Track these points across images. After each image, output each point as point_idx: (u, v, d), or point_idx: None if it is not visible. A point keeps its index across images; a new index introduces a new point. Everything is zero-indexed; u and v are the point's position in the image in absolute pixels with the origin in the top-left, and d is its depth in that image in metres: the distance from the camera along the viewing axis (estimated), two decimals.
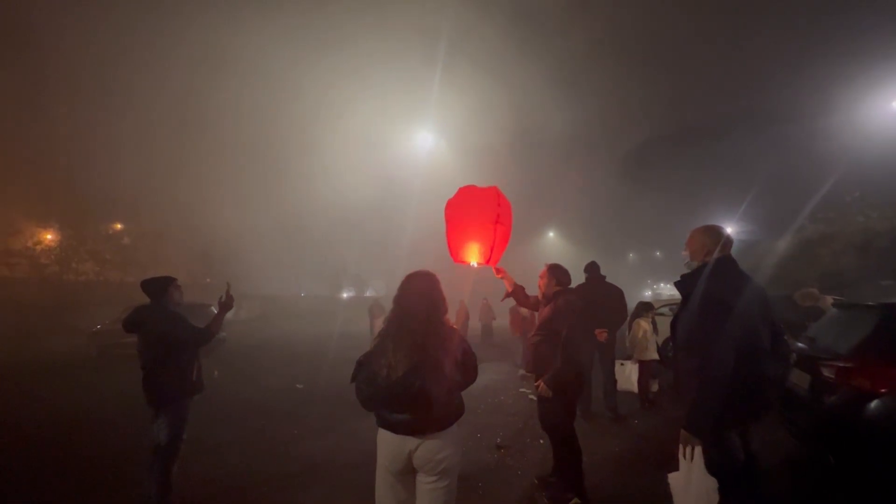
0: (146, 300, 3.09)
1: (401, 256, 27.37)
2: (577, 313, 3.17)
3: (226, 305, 3.27)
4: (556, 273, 3.42)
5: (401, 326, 1.96)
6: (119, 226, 23.20)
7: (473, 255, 3.17)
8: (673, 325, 2.23)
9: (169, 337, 2.96)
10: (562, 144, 34.88)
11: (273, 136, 26.05)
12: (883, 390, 2.82)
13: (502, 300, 4.03)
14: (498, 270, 3.46)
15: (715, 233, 2.14)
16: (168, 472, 2.94)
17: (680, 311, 2.20)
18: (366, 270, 34.30)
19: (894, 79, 16.35)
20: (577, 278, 5.82)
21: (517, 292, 3.64)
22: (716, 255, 2.09)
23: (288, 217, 26.20)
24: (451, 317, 2.25)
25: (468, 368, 2.00)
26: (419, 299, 1.99)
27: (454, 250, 3.24)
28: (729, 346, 1.87)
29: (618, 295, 5.42)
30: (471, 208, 3.19)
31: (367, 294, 32.50)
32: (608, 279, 5.66)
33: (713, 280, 2.01)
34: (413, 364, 1.87)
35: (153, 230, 22.66)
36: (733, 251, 2.19)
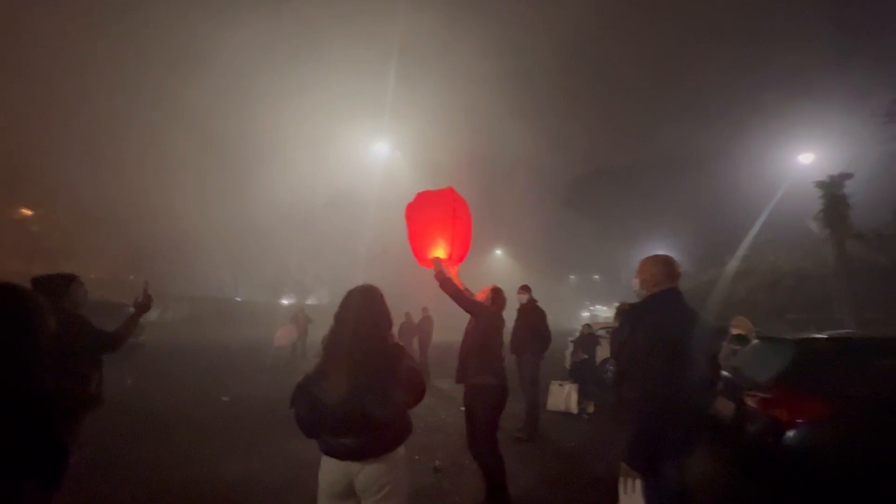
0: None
1: (352, 265, 26.76)
2: (490, 324, 3.39)
3: (142, 306, 2.92)
4: (497, 295, 3.58)
5: (342, 346, 1.85)
6: (27, 211, 20.81)
7: (437, 251, 3.23)
8: (617, 353, 2.24)
9: (63, 343, 2.55)
10: (513, 169, 36.14)
11: (224, 134, 24.77)
12: (799, 421, 3.00)
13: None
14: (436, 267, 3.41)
15: (665, 263, 2.17)
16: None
17: (625, 342, 2.19)
18: (311, 276, 33.15)
19: (800, 136, 18.48)
20: (514, 294, 5.96)
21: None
22: (665, 286, 2.11)
23: (229, 215, 24.78)
24: (396, 331, 2.15)
25: (414, 387, 1.92)
26: (361, 316, 1.89)
27: (418, 251, 3.30)
28: (670, 380, 1.88)
29: (542, 319, 5.57)
30: (429, 209, 3.27)
31: (308, 302, 31.33)
32: (551, 298, 5.82)
33: (660, 313, 2.03)
34: (355, 386, 1.77)
35: (72, 219, 20.51)
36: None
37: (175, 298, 24.03)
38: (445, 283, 3.21)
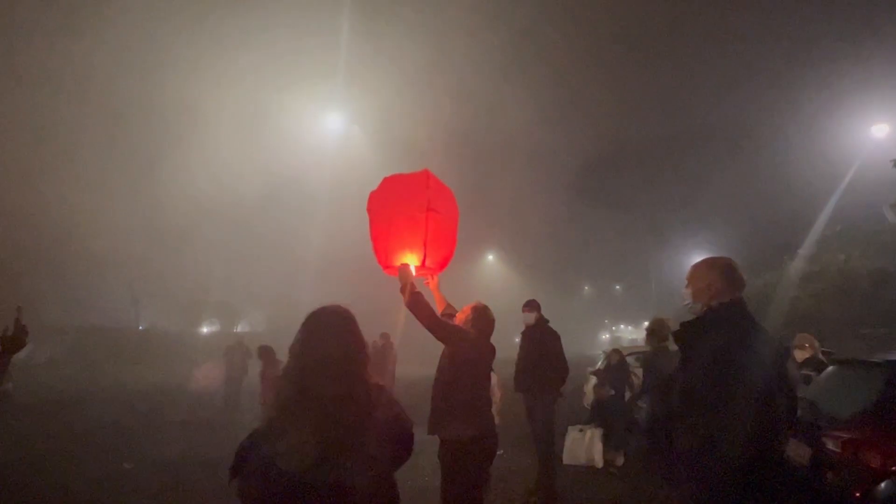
0: None
1: (296, 278, 26.29)
2: (471, 355, 3.36)
3: (13, 342, 2.79)
4: (478, 315, 3.52)
5: (304, 391, 1.77)
6: None
7: (407, 257, 3.17)
8: (658, 386, 2.24)
9: None
10: (508, 149, 36.15)
11: (121, 106, 23.91)
12: (895, 468, 3.06)
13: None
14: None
15: (725, 268, 2.19)
16: None
17: (679, 371, 2.20)
18: (238, 296, 32.59)
19: (871, 104, 19.14)
20: (516, 312, 5.96)
21: (447, 317, 3.67)
22: (726, 298, 2.13)
23: (129, 216, 24.15)
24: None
25: (401, 443, 1.89)
26: (330, 351, 1.83)
27: (381, 255, 3.26)
28: (742, 423, 1.88)
29: (556, 344, 5.60)
30: (396, 199, 3.23)
31: (238, 329, 30.82)
32: (560, 317, 5.87)
33: (724, 332, 2.04)
34: (326, 445, 1.69)
35: None
36: None
37: (52, 330, 23.27)
38: (414, 302, 3.06)
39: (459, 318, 3.54)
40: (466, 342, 3.37)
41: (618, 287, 52.85)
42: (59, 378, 18.29)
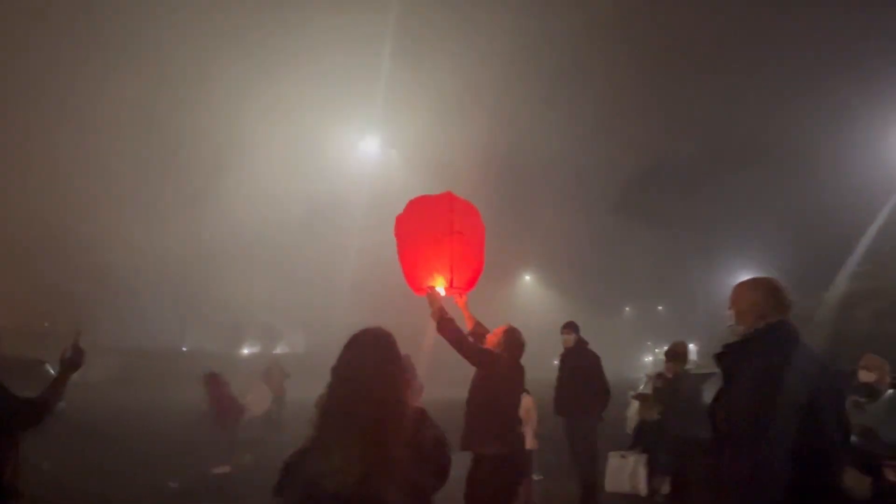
0: None
1: (333, 301, 26.67)
2: (502, 377, 3.40)
3: (72, 363, 2.97)
4: (509, 338, 3.55)
5: (347, 412, 1.81)
6: None
7: (435, 280, 3.28)
8: (712, 412, 2.20)
9: None
10: (545, 169, 35.98)
11: (169, 137, 25.12)
12: None
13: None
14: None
15: (770, 289, 2.16)
16: None
17: (722, 394, 2.17)
18: (279, 318, 33.24)
19: None
20: (554, 333, 5.91)
21: (476, 335, 3.69)
22: (771, 319, 2.09)
23: (175, 241, 25.07)
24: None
25: (440, 464, 1.91)
26: (372, 372, 1.87)
27: (411, 278, 3.37)
28: (791, 447, 1.84)
29: (596, 367, 5.54)
30: (422, 222, 3.35)
31: (278, 351, 31.35)
32: (600, 338, 5.83)
33: (769, 355, 2.00)
34: (369, 466, 1.72)
35: None
36: None
37: (103, 351, 24.20)
38: (443, 325, 3.20)
39: (491, 341, 3.58)
40: (497, 365, 3.43)
41: (661, 308, 51.60)
42: (106, 398, 18.93)
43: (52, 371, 9.15)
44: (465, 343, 3.29)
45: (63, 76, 22.42)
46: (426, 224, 3.32)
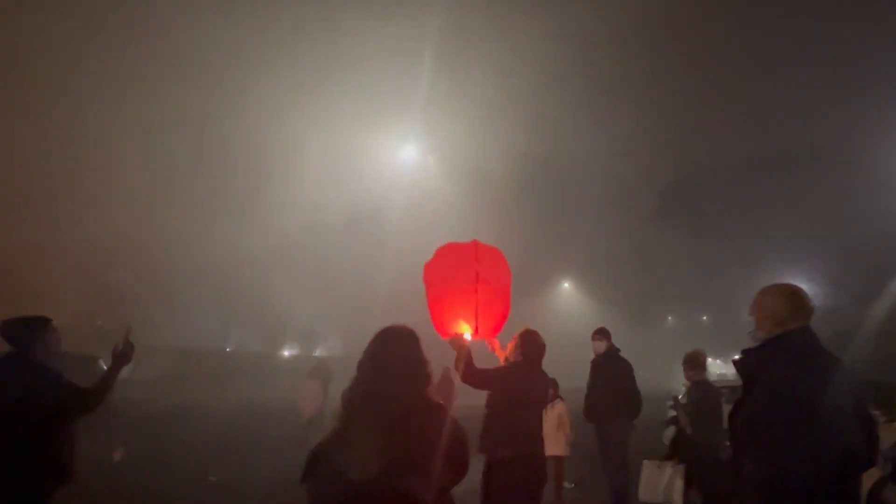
0: (4, 347, 2.96)
1: (370, 305, 27.05)
2: (517, 381, 3.50)
3: (122, 357, 3.17)
4: (525, 341, 3.67)
5: (371, 405, 1.89)
6: None
7: (461, 327, 3.44)
8: (731, 418, 2.20)
9: (32, 401, 2.78)
10: (585, 178, 35.35)
11: (219, 145, 26.02)
12: None
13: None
14: (491, 344, 3.73)
15: (791, 295, 2.15)
16: None
17: (741, 400, 2.16)
18: (320, 322, 33.84)
19: None
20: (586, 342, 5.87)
21: None
22: (791, 325, 2.08)
23: (221, 246, 25.91)
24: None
25: (460, 460, 1.96)
26: (397, 367, 1.95)
27: (438, 323, 3.52)
28: (810, 454, 1.83)
29: (628, 374, 5.49)
30: (448, 270, 3.51)
31: (317, 353, 31.90)
32: (641, 348, 5.76)
33: (787, 361, 2.00)
34: (391, 457, 1.79)
35: (30, 247, 22.09)
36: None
37: (151, 350, 25.09)
38: (468, 375, 3.39)
39: (510, 347, 3.69)
40: (511, 379, 3.55)
41: (705, 318, 50.08)
42: (155, 394, 19.68)
43: (104, 366, 9.64)
44: (485, 380, 3.48)
45: (123, 84, 23.54)
46: (452, 272, 3.48)
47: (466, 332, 3.44)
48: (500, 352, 3.88)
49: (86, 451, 3.37)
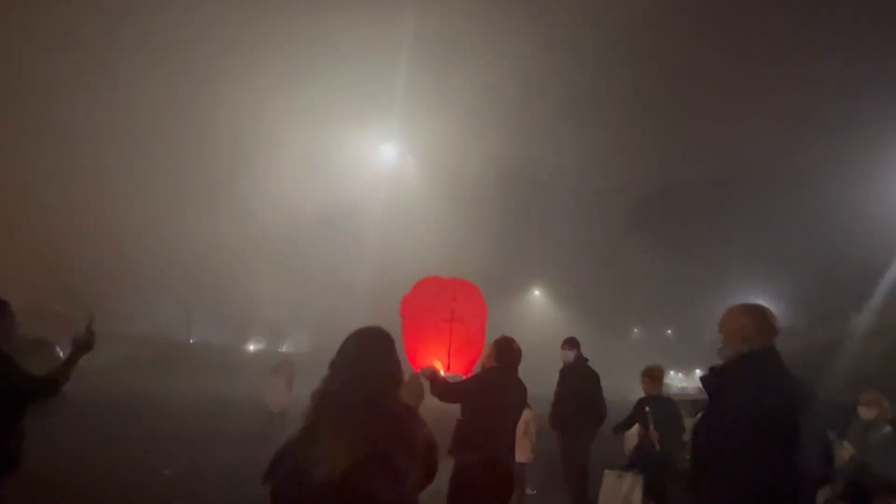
0: None
1: (341, 303, 26.87)
2: (488, 386, 3.51)
3: (83, 345, 3.08)
4: (500, 347, 3.68)
5: (340, 404, 1.86)
6: None
7: (434, 363, 3.53)
8: (695, 432, 2.24)
9: None
10: (560, 186, 35.87)
11: (190, 134, 25.53)
12: None
13: None
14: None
15: (756, 314, 2.19)
16: None
17: (705, 416, 2.20)
18: (288, 317, 33.46)
19: None
20: (559, 350, 5.93)
21: None
22: (757, 344, 2.13)
23: (189, 234, 25.42)
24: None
25: (428, 462, 1.95)
26: (369, 368, 1.93)
27: (412, 356, 3.59)
28: (770, 470, 1.87)
29: (594, 384, 5.55)
30: (425, 305, 3.61)
31: (283, 349, 31.51)
32: (606, 359, 5.84)
33: (751, 380, 2.04)
34: (358, 456, 1.76)
35: None
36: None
37: (110, 337, 24.48)
38: (442, 394, 3.43)
39: (486, 354, 3.71)
40: (484, 384, 3.57)
41: (669, 332, 51.05)
42: (111, 383, 19.15)
43: (61, 353, 9.30)
44: (459, 396, 3.49)
45: (101, 68, 23.00)
46: (430, 308, 3.57)
47: (439, 368, 3.51)
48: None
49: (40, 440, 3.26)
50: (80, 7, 21.65)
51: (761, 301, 2.57)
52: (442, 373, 3.55)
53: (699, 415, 5.72)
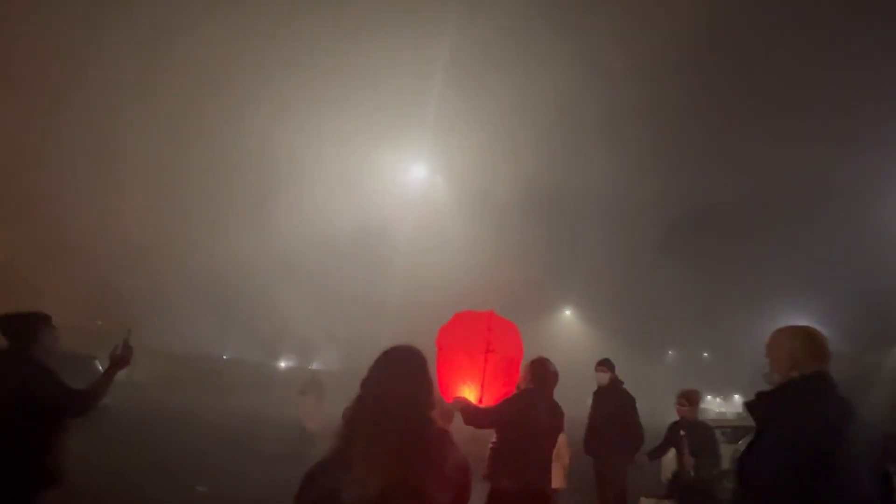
0: (1, 343, 2.92)
1: (372, 321, 27.01)
2: (523, 410, 3.41)
3: (121, 360, 3.12)
4: (536, 368, 3.62)
5: (373, 426, 1.82)
6: None
7: (466, 393, 3.51)
8: (741, 464, 2.13)
9: (27, 399, 2.73)
10: (591, 206, 35.49)
11: (228, 156, 26.30)
12: None
13: None
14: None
15: (808, 337, 2.10)
16: None
17: (752, 444, 2.10)
18: (319, 335, 33.76)
19: None
20: (592, 371, 5.80)
21: None
22: (808, 369, 2.03)
23: (224, 252, 26.01)
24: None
25: (461, 486, 1.91)
26: (401, 388, 1.89)
27: (444, 387, 3.57)
28: (821, 502, 1.77)
29: (630, 408, 5.39)
30: (461, 337, 3.61)
31: (313, 367, 31.73)
32: (639, 381, 5.69)
33: (802, 406, 1.94)
34: (390, 482, 1.72)
35: (34, 244, 22.20)
36: None
37: (148, 353, 25.07)
38: (474, 421, 3.38)
39: (521, 375, 3.66)
40: (517, 406, 3.48)
41: (706, 354, 49.68)
42: (148, 398, 19.54)
43: (100, 367, 9.54)
44: (490, 418, 3.45)
45: (137, 90, 23.96)
46: (465, 339, 3.57)
47: (471, 398, 3.49)
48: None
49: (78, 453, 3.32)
50: (113, 30, 22.68)
51: (800, 322, 2.45)
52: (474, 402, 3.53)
53: (741, 442, 5.53)
